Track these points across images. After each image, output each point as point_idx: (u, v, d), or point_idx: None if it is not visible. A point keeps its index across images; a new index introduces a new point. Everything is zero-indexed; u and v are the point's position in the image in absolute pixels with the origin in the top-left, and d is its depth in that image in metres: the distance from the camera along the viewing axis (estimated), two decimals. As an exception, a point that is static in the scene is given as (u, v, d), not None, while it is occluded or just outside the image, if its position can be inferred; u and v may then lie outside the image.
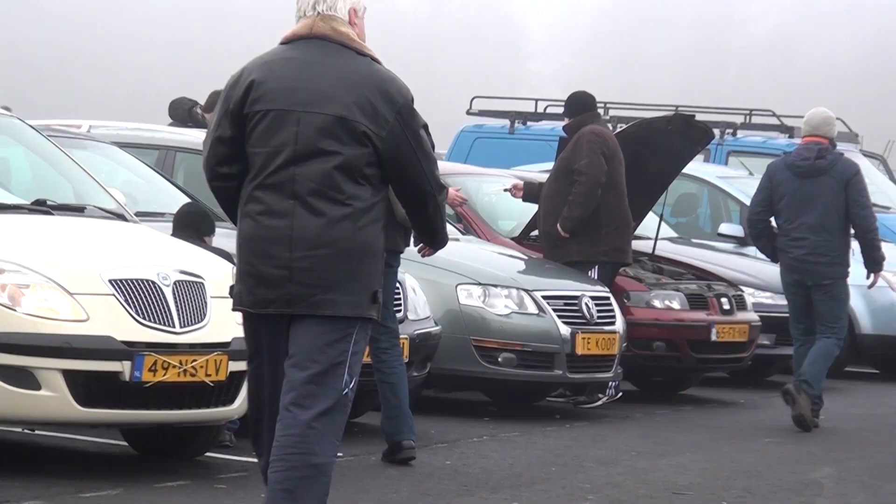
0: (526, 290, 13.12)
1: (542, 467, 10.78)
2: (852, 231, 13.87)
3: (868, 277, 14.24)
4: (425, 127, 7.54)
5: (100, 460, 10.10)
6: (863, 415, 15.03)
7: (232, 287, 7.61)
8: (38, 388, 8.93)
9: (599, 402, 14.05)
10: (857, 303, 17.06)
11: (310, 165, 7.28)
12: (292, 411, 7.05)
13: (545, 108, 21.96)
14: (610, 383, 13.80)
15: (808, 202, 13.78)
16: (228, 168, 7.48)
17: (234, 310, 7.55)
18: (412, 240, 10.15)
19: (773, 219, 13.92)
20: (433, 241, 7.95)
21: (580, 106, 15.01)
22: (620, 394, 14.30)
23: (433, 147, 7.79)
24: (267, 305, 7.25)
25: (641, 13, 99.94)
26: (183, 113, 17.30)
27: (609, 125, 17.99)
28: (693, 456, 11.92)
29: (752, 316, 15.42)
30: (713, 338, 14.99)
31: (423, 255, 11.19)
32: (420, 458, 10.49)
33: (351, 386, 7.25)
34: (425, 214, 7.66)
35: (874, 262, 14.10)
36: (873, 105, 69.27)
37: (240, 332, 9.11)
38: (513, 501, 9.37)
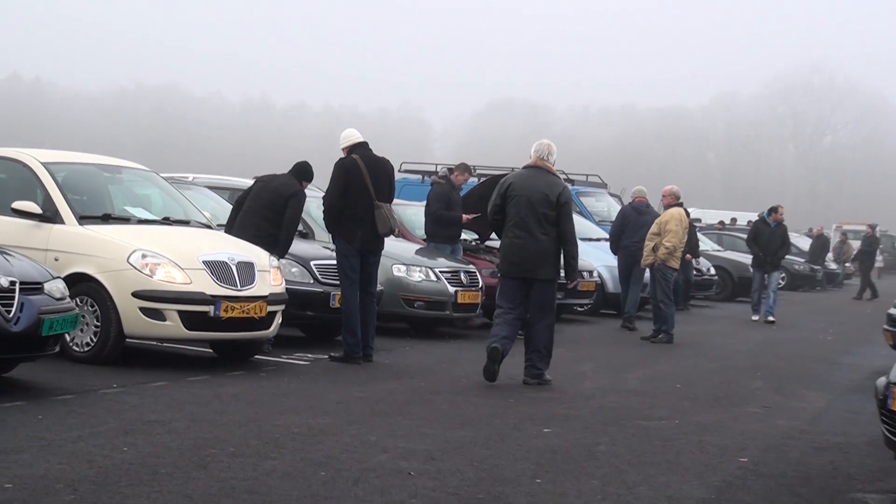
0: (430, 268, 13.09)
1: (438, 364, 10.80)
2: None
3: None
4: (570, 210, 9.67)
5: (197, 360, 10.04)
6: (609, 335, 15.13)
7: (497, 265, 10.68)
8: (164, 319, 8.95)
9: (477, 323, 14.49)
10: (605, 274, 17.26)
11: (532, 217, 9.48)
12: (540, 318, 9.55)
13: (439, 169, 21.85)
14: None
15: (642, 226, 15.36)
16: (498, 216, 9.72)
17: (499, 275, 10.01)
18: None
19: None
20: (569, 273, 9.80)
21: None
22: (481, 322, 14.38)
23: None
24: (515, 275, 9.55)
25: (498, 116, 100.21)
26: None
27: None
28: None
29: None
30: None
31: (569, 287, 11.77)
32: (375, 359, 10.52)
33: (555, 306, 9.81)
34: (567, 251, 9.64)
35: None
36: (617, 165, 69.74)
37: (272, 289, 9.71)
38: (421, 382, 9.39)
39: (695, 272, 21.26)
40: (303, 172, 11.00)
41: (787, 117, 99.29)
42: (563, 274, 9.83)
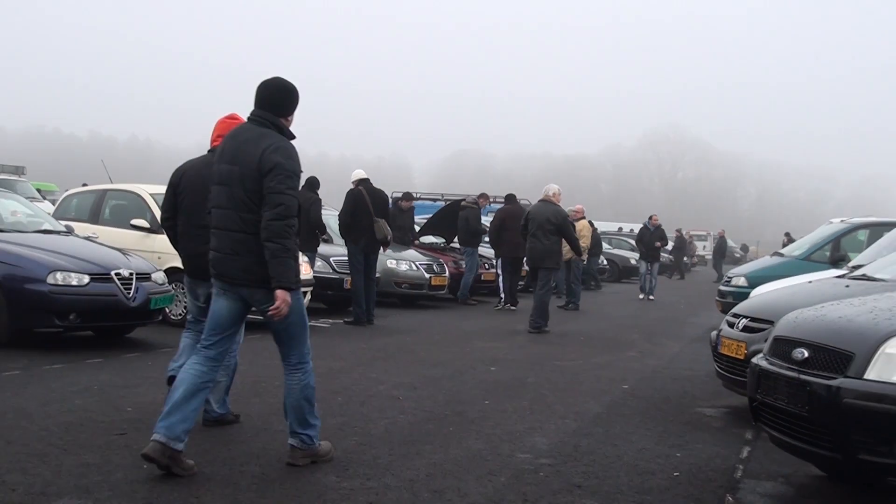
0: (413, 261, 13.08)
1: (418, 326, 10.66)
2: None
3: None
4: (567, 223, 10.25)
5: (251, 324, 9.84)
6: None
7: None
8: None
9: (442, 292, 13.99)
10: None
11: (540, 230, 10.12)
12: (539, 291, 10.08)
13: (418, 195, 21.71)
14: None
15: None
16: (525, 231, 10.47)
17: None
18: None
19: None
20: (575, 250, 11.20)
21: (506, 198, 14.26)
22: (446, 297, 14.16)
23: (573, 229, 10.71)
24: (530, 266, 10.28)
25: (458, 160, 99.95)
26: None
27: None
28: (470, 313, 11.78)
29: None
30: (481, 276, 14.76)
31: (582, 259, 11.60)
32: (375, 323, 10.43)
33: (550, 287, 10.24)
34: (569, 241, 10.57)
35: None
36: (539, 193, 69.34)
37: (303, 276, 9.13)
38: (407, 338, 9.33)
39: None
40: (315, 185, 11.10)
41: (652, 161, 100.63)
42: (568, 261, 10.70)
